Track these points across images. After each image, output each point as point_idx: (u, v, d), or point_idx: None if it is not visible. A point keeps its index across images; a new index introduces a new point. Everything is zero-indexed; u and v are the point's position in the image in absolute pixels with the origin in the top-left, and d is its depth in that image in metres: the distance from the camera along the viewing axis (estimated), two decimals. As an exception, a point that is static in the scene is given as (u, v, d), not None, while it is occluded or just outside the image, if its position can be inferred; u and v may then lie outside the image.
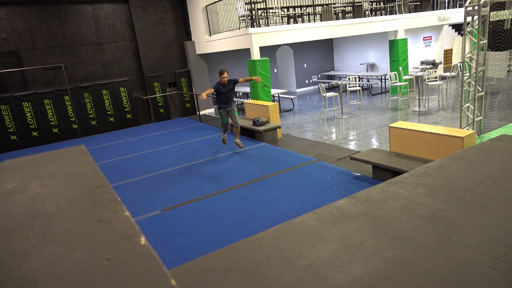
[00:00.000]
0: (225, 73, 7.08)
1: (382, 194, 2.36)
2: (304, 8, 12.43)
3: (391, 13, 13.39)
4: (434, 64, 15.18)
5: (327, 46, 17.14)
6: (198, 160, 7.65)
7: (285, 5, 12.09)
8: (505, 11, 6.21)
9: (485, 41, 6.21)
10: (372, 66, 15.70)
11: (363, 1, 12.76)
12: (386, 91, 13.99)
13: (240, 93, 14.29)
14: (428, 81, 10.73)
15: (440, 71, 15.79)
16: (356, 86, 12.21)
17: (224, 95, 7.24)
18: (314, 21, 11.94)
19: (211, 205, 5.33)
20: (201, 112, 13.26)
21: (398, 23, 12.67)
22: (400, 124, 5.67)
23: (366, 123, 9.38)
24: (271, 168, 6.66)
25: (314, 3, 11.88)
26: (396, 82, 11.77)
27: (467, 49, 6.45)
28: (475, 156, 2.80)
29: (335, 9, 12.46)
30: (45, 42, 11.13)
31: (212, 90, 7.00)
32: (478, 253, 1.54)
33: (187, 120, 12.71)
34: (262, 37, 10.10)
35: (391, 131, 5.66)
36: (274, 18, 11.96)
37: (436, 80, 12.01)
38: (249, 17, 10.60)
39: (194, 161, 7.60)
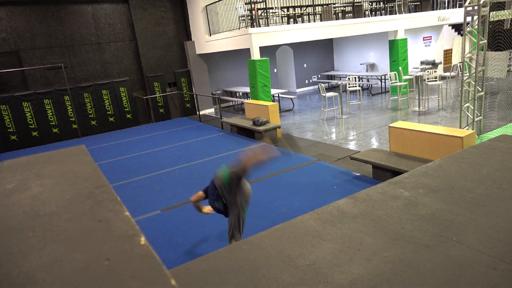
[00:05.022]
0: None
1: (382, 194, 2.36)
2: (304, 8, 12.43)
3: (391, 13, 13.39)
4: (434, 64, 15.18)
5: (327, 46, 17.13)
6: (198, 160, 7.65)
7: (285, 5, 12.08)
8: (505, 11, 6.21)
9: (485, 41, 6.21)
10: (372, 66, 15.69)
11: (363, 1, 12.75)
12: (386, 91, 13.98)
13: (240, 93, 14.28)
14: (428, 81, 10.73)
15: (440, 71, 15.78)
16: (356, 86, 12.21)
17: None
18: (314, 21, 11.94)
19: (211, 205, 5.32)
20: (201, 112, 13.26)
21: (398, 23, 12.67)
22: (400, 124, 5.67)
23: (366, 123, 9.38)
24: (271, 168, 6.66)
25: (314, 3, 11.87)
26: (396, 82, 11.77)
27: (467, 49, 6.45)
28: (475, 156, 2.80)
29: (335, 9, 12.46)
30: (45, 42, 11.12)
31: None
32: (478, 253, 1.54)
33: (187, 120, 12.70)
34: (262, 37, 10.10)
35: (391, 131, 5.66)
36: (274, 18, 11.95)
37: (436, 80, 12.01)
38: (249, 17, 10.60)
39: (194, 161, 7.59)
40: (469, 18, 6.21)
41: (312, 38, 11.11)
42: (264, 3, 10.81)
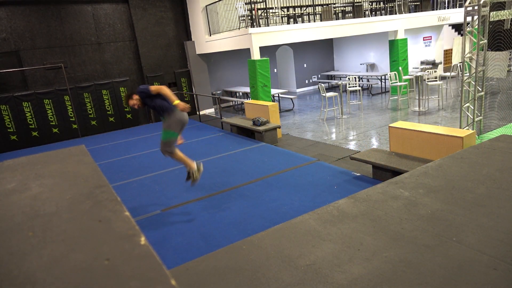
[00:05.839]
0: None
1: (382, 194, 2.36)
2: (304, 8, 12.43)
3: (391, 13, 13.39)
4: (434, 64, 15.18)
5: (327, 46, 17.14)
6: (198, 160, 7.64)
7: (285, 5, 12.08)
8: (505, 11, 6.21)
9: (485, 41, 6.21)
10: (372, 66, 15.70)
11: (363, 1, 12.76)
12: (386, 91, 13.98)
13: (240, 93, 14.28)
14: (428, 81, 10.73)
15: (440, 71, 15.78)
16: (356, 86, 12.21)
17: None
18: (314, 21, 11.94)
19: (211, 205, 5.33)
20: (201, 112, 13.26)
21: (398, 23, 12.67)
22: (400, 124, 5.67)
23: (366, 123, 9.38)
24: (271, 168, 6.66)
25: (314, 3, 11.88)
26: (396, 82, 11.77)
27: (467, 49, 6.45)
28: (475, 156, 2.80)
29: (335, 9, 12.46)
30: (45, 42, 11.12)
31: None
32: (478, 253, 1.55)
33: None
34: (262, 37, 10.10)
35: (391, 131, 5.66)
36: (274, 18, 11.95)
37: (436, 80, 12.01)
38: (249, 17, 10.60)
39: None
40: (469, 18, 6.21)
41: (312, 38, 11.11)
42: (264, 3, 10.81)
